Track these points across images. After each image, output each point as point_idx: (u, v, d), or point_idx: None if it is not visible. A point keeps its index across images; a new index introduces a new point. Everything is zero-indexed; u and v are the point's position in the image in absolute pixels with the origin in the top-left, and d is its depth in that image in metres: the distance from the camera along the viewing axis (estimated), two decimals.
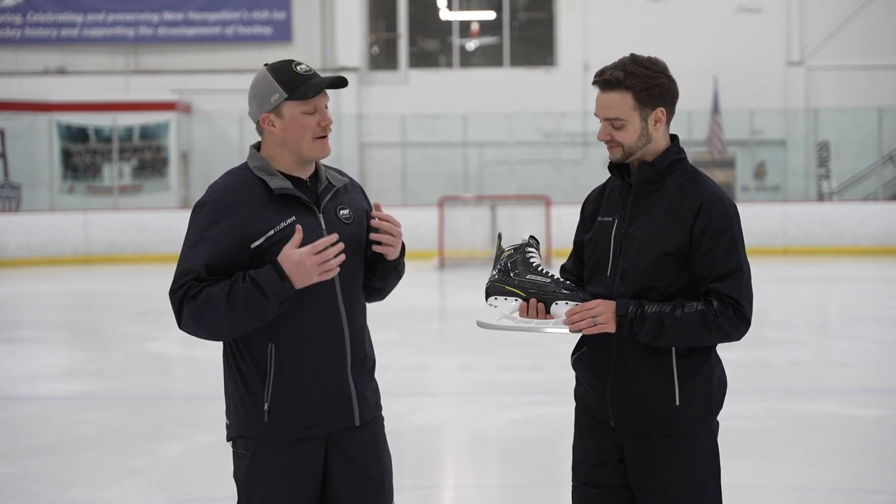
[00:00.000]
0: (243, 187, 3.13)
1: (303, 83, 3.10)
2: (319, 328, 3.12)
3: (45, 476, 6.20)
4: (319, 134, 3.14)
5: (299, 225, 3.01)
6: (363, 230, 3.25)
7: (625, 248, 3.18)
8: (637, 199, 3.20)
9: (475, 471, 6.54)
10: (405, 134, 24.60)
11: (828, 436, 7.09)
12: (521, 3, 26.19)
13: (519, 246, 3.26)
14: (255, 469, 3.14)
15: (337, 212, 3.20)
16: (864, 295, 15.42)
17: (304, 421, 3.12)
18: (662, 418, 3.15)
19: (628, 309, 3.07)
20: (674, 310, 3.06)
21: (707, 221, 3.11)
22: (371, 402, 3.23)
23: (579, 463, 3.30)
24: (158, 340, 11.29)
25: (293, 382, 3.11)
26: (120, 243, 22.22)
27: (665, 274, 3.13)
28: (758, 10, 24.68)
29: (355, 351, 3.18)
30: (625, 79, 3.13)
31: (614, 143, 3.18)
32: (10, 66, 25.17)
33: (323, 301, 3.13)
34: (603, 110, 3.18)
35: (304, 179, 3.19)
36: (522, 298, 3.16)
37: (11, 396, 8.79)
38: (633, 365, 3.16)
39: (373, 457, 3.22)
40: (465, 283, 17.71)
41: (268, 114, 3.12)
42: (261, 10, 25.07)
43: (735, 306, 3.08)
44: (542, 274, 3.18)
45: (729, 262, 3.10)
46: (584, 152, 24.27)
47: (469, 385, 8.98)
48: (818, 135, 24.29)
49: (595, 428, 3.26)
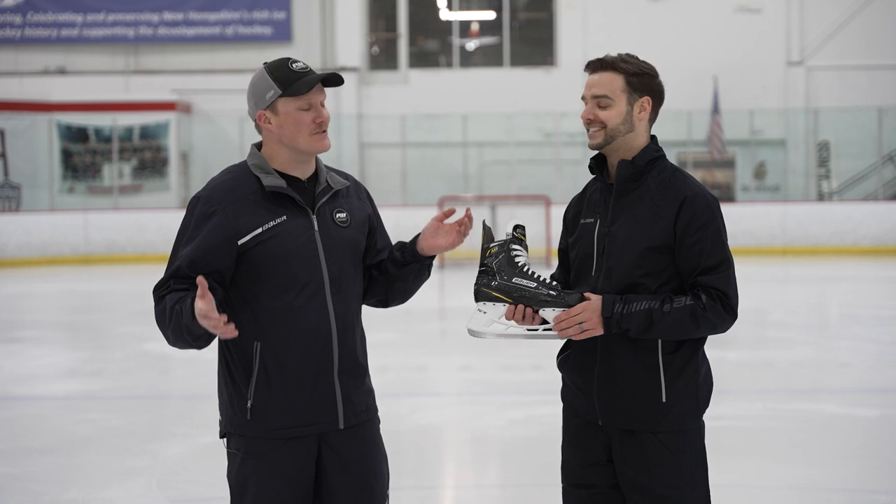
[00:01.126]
0: (238, 184, 3.14)
1: (297, 79, 3.10)
2: (306, 330, 3.11)
3: (45, 476, 6.20)
4: (315, 130, 3.14)
5: (201, 278, 2.92)
6: (361, 235, 3.24)
7: (608, 246, 3.19)
8: (618, 197, 3.21)
9: (475, 471, 6.54)
10: (405, 134, 24.60)
11: (828, 436, 7.09)
12: (521, 3, 26.19)
13: (503, 243, 3.21)
14: (248, 468, 3.14)
15: (332, 215, 3.19)
16: (864, 295, 15.42)
17: (285, 421, 3.11)
18: (650, 415, 3.15)
19: (614, 310, 3.07)
20: (662, 305, 3.07)
21: (690, 215, 3.12)
22: (359, 406, 3.21)
23: (568, 465, 3.30)
24: (158, 340, 11.22)
25: (276, 382, 3.11)
26: (120, 243, 22.22)
27: (650, 269, 3.14)
28: (758, 10, 24.68)
29: (343, 355, 3.17)
30: (618, 62, 3.19)
31: (597, 125, 3.18)
32: (10, 66, 25.17)
33: (312, 303, 3.12)
34: (591, 88, 3.20)
35: (301, 180, 3.19)
36: (510, 303, 3.14)
37: (11, 396, 8.79)
38: (618, 363, 3.16)
39: (365, 457, 3.21)
40: (466, 283, 17.68)
41: (264, 111, 3.13)
42: (261, 10, 25.07)
43: (723, 299, 3.10)
44: (527, 276, 3.15)
45: (715, 255, 3.11)
46: (584, 152, 24.25)
47: (469, 385, 8.98)
48: (818, 135, 24.29)
49: (583, 429, 3.26)
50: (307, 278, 3.12)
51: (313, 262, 3.13)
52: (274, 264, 3.10)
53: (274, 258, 3.10)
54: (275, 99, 3.11)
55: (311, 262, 3.13)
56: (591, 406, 3.22)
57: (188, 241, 3.10)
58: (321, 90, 3.16)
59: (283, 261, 3.10)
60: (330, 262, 3.15)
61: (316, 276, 3.13)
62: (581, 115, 3.23)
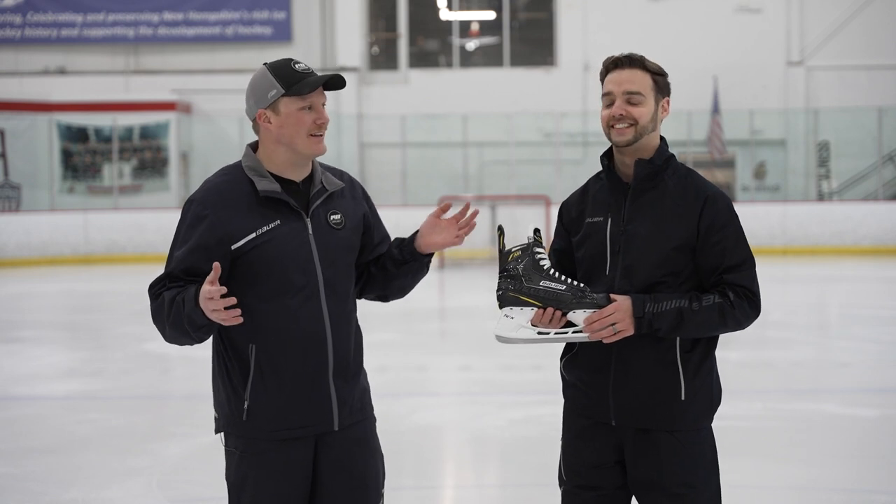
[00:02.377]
0: (232, 187, 3.14)
1: (300, 80, 3.10)
2: (301, 332, 3.11)
3: (45, 476, 6.20)
4: (315, 132, 3.13)
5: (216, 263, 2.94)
6: (355, 235, 3.24)
7: (624, 246, 3.17)
8: (635, 196, 3.20)
9: (475, 471, 6.54)
10: (405, 134, 24.59)
11: (828, 436, 7.09)
12: (521, 3, 26.19)
13: (526, 247, 3.18)
14: (245, 467, 3.14)
15: (327, 217, 3.18)
16: (864, 295, 15.42)
17: (280, 423, 3.12)
18: (667, 413, 3.15)
19: (645, 309, 3.07)
20: (691, 303, 3.08)
21: (713, 215, 3.15)
22: (354, 407, 3.21)
23: (574, 466, 3.27)
24: (158, 340, 11.25)
25: (271, 383, 3.11)
26: (120, 243, 22.22)
27: (673, 269, 3.14)
28: (758, 10, 24.68)
29: (338, 356, 3.17)
30: (645, 60, 3.20)
31: (628, 121, 3.15)
32: (10, 66, 25.17)
33: (306, 306, 3.12)
34: (624, 84, 3.16)
35: (296, 182, 3.18)
36: (538, 307, 3.11)
37: (11, 396, 8.79)
38: (636, 361, 3.15)
39: (359, 457, 3.22)
40: (466, 283, 17.72)
41: (264, 110, 3.12)
42: (261, 10, 25.06)
43: (749, 297, 3.13)
44: (555, 279, 3.12)
45: (739, 253, 3.15)
46: (584, 152, 24.26)
47: (469, 385, 8.98)
48: (818, 135, 24.29)
49: (592, 430, 3.24)
50: (302, 282, 3.11)
51: (308, 266, 3.12)
52: (268, 269, 3.09)
53: (268, 263, 3.09)
54: (277, 98, 3.10)
55: (306, 266, 3.12)
56: (604, 406, 3.20)
57: (182, 243, 3.10)
58: (322, 93, 3.16)
59: (278, 265, 3.09)
60: (324, 265, 3.15)
61: (311, 280, 3.12)
62: (610, 111, 3.17)
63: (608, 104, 3.19)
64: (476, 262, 20.38)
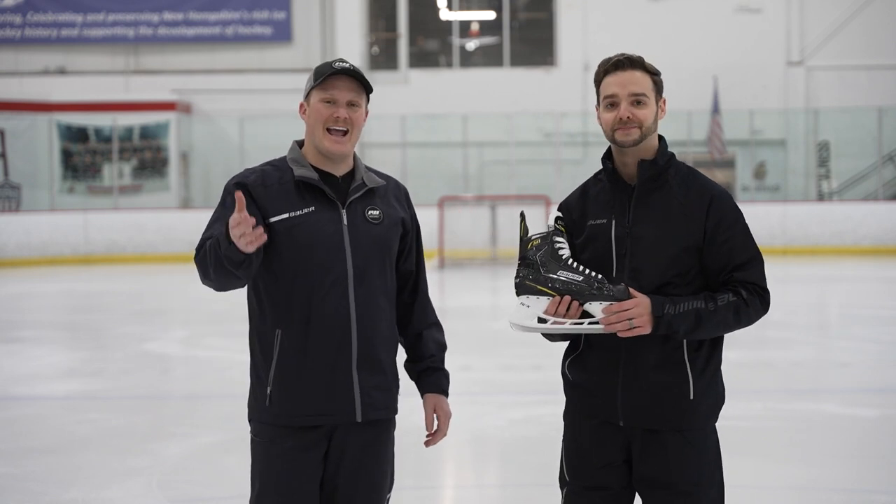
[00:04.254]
0: (272, 172, 3.21)
1: (329, 72, 3.16)
2: (326, 320, 3.13)
3: (45, 476, 6.20)
4: (331, 125, 3.16)
5: (239, 192, 2.96)
6: (393, 234, 3.25)
7: (630, 247, 3.16)
8: (640, 197, 3.19)
9: (475, 471, 6.54)
10: (405, 134, 24.60)
11: (828, 436, 7.09)
12: (521, 3, 26.19)
13: (546, 235, 3.17)
14: (266, 453, 3.18)
15: (364, 211, 3.21)
16: (864, 295, 15.42)
17: (302, 409, 3.14)
18: (676, 413, 3.14)
19: (664, 310, 3.05)
20: (707, 304, 3.08)
21: (720, 214, 3.15)
22: (378, 403, 3.25)
23: (580, 467, 3.26)
24: (158, 340, 11.28)
25: (295, 370, 3.14)
26: (120, 243, 22.22)
27: (681, 269, 3.14)
28: (758, 10, 24.68)
29: (363, 348, 3.19)
30: (644, 62, 3.20)
31: (634, 123, 3.14)
32: (10, 66, 25.18)
33: (333, 292, 3.14)
34: (628, 85, 3.15)
35: (335, 176, 3.22)
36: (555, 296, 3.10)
37: (11, 396, 8.79)
38: (645, 361, 3.14)
39: (372, 456, 3.25)
40: (466, 283, 17.71)
41: (303, 102, 3.24)
42: (261, 10, 25.06)
43: (760, 293, 3.14)
44: (573, 269, 3.10)
45: (748, 250, 3.16)
46: (584, 152, 24.27)
47: (469, 385, 8.98)
48: (818, 135, 24.29)
49: (599, 430, 3.23)
50: (330, 268, 3.14)
51: (338, 254, 3.15)
52: (297, 252, 3.13)
53: (299, 246, 3.13)
54: (309, 90, 3.20)
55: (336, 252, 3.15)
56: (612, 405, 3.19)
57: (221, 216, 3.12)
58: (351, 90, 3.18)
59: (308, 249, 3.13)
60: (356, 254, 3.17)
61: (339, 266, 3.15)
62: (617, 114, 3.14)
63: (610, 106, 3.18)
64: (476, 263, 20.38)
